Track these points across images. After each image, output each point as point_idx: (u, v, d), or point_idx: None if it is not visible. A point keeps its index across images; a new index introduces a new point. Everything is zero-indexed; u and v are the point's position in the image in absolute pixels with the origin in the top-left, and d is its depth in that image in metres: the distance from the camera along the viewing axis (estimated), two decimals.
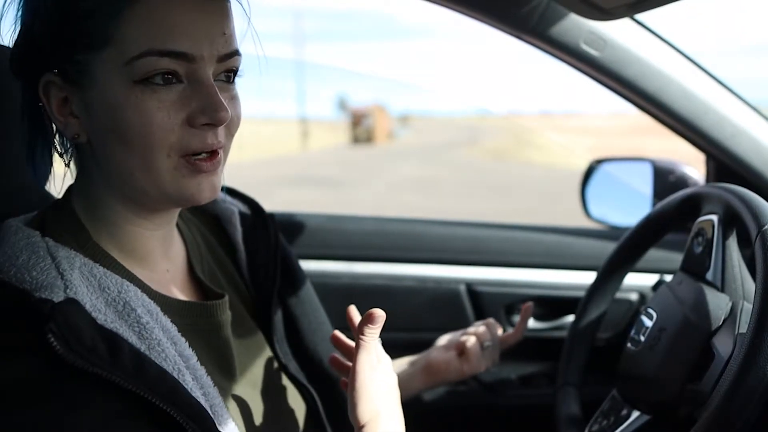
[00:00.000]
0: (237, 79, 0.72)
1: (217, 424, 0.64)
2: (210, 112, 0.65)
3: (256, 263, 0.90)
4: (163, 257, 0.76)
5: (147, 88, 0.63)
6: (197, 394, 0.66)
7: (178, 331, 0.69)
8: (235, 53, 0.69)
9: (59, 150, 0.71)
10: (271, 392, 0.83)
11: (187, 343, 0.69)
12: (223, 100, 0.66)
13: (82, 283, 0.63)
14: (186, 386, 0.63)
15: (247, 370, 0.81)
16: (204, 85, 0.65)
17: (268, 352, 0.87)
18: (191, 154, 0.66)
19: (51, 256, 0.63)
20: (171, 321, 0.69)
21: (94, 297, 0.63)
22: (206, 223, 0.90)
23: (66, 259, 0.64)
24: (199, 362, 0.69)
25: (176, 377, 0.63)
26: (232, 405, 0.74)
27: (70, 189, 0.73)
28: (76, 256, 0.65)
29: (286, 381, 0.87)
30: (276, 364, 0.87)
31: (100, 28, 0.63)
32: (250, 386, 0.80)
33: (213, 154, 0.68)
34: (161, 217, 0.73)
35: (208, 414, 0.63)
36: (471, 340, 1.03)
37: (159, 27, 0.63)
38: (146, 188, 0.67)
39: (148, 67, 0.63)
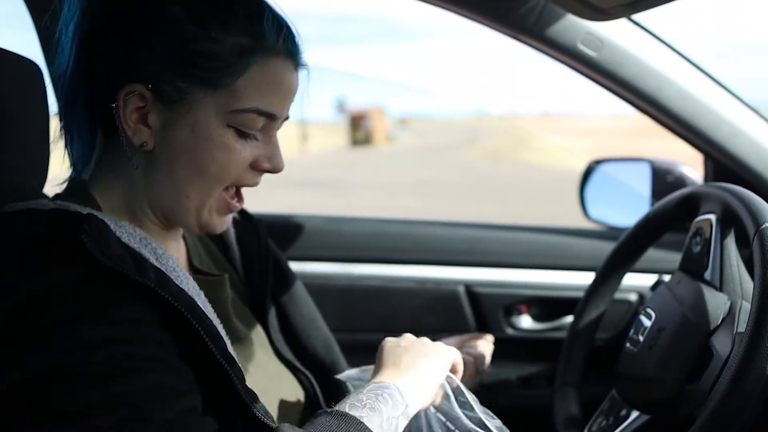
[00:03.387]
0: None
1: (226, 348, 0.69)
2: (274, 163, 0.77)
3: (249, 261, 0.96)
4: (173, 253, 0.79)
5: (236, 134, 0.73)
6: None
7: None
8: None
9: (128, 154, 0.74)
10: (271, 375, 0.87)
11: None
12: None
13: (102, 218, 0.69)
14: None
15: (247, 353, 0.85)
16: (273, 139, 0.77)
17: (264, 339, 0.91)
18: (237, 186, 0.77)
19: (62, 207, 0.69)
20: None
21: (113, 227, 0.69)
22: None
23: (77, 206, 0.70)
24: (206, 299, 0.76)
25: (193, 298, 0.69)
26: None
27: (81, 182, 0.77)
28: (85, 207, 0.71)
29: (283, 367, 0.90)
30: (271, 351, 0.91)
31: (225, 75, 0.71)
32: (252, 366, 0.84)
33: (240, 193, 0.78)
34: (168, 224, 0.79)
35: (221, 335, 0.70)
36: (467, 360, 1.03)
37: (269, 90, 0.73)
38: (189, 209, 0.74)
39: (247, 121, 0.73)
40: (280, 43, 0.73)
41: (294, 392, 0.90)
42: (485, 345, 1.09)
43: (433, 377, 0.80)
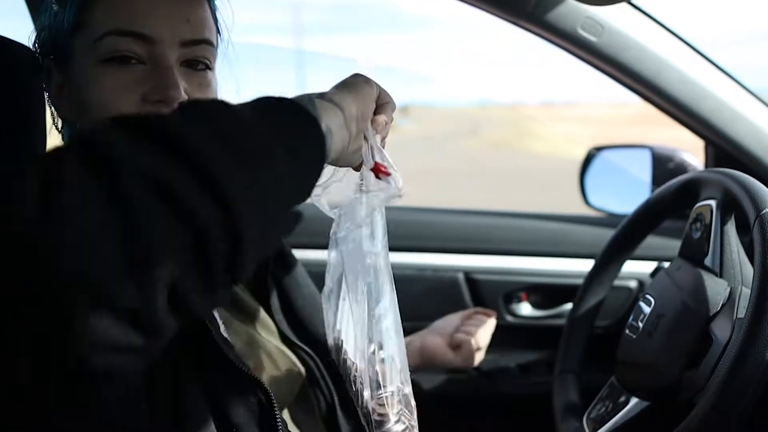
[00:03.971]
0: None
1: None
2: (162, 90, 0.68)
3: None
4: None
5: (109, 67, 0.68)
6: None
7: None
8: (202, 42, 0.72)
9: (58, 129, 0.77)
10: (273, 353, 0.86)
11: None
12: (178, 81, 0.69)
13: None
14: None
15: (250, 332, 0.85)
16: (161, 66, 0.69)
17: (267, 320, 0.91)
18: None
19: None
20: None
21: None
22: None
23: None
24: None
25: None
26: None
27: None
28: None
29: (284, 346, 0.90)
30: (276, 332, 0.91)
31: (75, 13, 0.70)
32: (254, 345, 0.84)
33: None
34: None
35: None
36: (466, 339, 1.07)
37: (122, 10, 0.68)
38: None
39: (110, 47, 0.68)
40: None
41: (296, 368, 0.90)
42: (486, 321, 1.09)
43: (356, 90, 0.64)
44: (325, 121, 0.57)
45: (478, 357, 1.10)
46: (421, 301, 1.41)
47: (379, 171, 0.69)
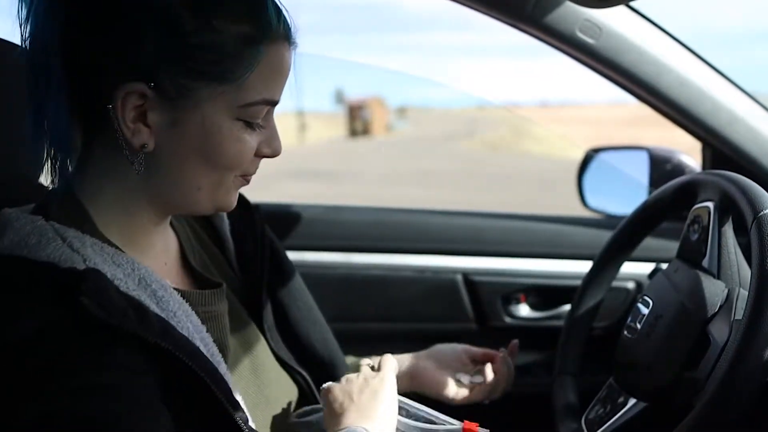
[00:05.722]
0: None
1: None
2: (274, 147, 0.75)
3: (245, 254, 0.93)
4: (162, 251, 0.78)
5: (242, 125, 0.71)
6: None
7: None
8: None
9: (128, 157, 0.69)
10: (265, 379, 0.86)
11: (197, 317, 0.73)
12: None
13: (98, 257, 0.65)
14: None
15: (243, 358, 0.84)
16: (271, 124, 0.75)
17: (261, 340, 0.90)
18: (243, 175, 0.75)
19: (61, 237, 0.65)
20: None
21: (112, 269, 0.65)
22: (195, 218, 0.92)
23: (76, 239, 0.66)
24: (209, 334, 0.73)
25: (196, 344, 0.67)
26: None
27: (68, 180, 0.72)
28: (84, 236, 0.67)
29: (278, 367, 0.90)
30: (269, 352, 0.90)
31: (230, 68, 0.67)
32: (246, 372, 0.83)
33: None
34: (169, 215, 0.78)
35: (224, 378, 0.68)
36: (484, 386, 1.05)
37: (274, 79, 0.71)
38: (200, 200, 0.73)
39: (256, 113, 0.71)
40: (281, 27, 0.70)
41: (290, 394, 0.89)
42: (497, 368, 1.06)
43: (392, 411, 0.82)
44: None
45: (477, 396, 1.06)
46: (420, 302, 1.41)
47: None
